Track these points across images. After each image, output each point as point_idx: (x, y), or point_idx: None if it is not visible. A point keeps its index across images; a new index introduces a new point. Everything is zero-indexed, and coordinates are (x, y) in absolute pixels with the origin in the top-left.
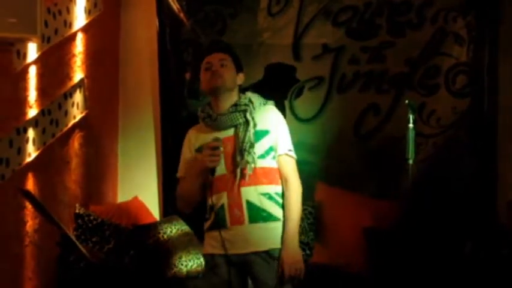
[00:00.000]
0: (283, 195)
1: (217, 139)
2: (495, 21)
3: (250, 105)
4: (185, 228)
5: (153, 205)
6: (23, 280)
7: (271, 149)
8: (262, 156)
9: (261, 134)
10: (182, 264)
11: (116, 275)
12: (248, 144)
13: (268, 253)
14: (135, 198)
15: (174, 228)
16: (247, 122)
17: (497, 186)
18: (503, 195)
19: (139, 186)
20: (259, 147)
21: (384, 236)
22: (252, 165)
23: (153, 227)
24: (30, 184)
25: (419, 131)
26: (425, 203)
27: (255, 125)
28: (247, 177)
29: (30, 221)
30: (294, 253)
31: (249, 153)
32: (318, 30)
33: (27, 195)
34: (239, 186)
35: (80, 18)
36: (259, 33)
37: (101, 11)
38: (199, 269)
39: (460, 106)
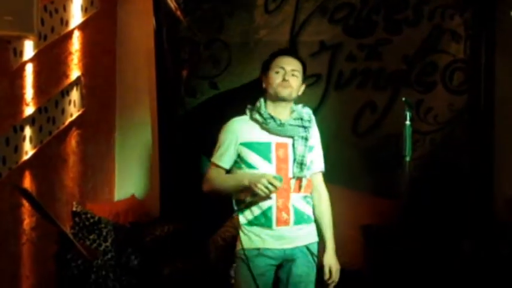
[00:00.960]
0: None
1: (280, 179)
2: (492, 18)
3: (311, 122)
4: (182, 225)
5: (150, 203)
6: (20, 278)
7: (312, 162)
8: (308, 168)
9: (309, 149)
10: None
11: (114, 273)
12: (305, 158)
13: (307, 247)
14: (132, 196)
15: (171, 226)
16: (306, 137)
17: (494, 183)
18: (501, 193)
19: (136, 184)
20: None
21: (382, 234)
22: (305, 177)
23: (151, 224)
24: (27, 182)
25: (417, 128)
26: (423, 200)
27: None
28: (302, 189)
29: (27, 219)
30: (336, 259)
31: (305, 166)
32: (314, 27)
33: (24, 193)
34: (290, 192)
35: (76, 16)
36: (256, 31)
37: (97, 9)
38: None
39: (457, 103)
